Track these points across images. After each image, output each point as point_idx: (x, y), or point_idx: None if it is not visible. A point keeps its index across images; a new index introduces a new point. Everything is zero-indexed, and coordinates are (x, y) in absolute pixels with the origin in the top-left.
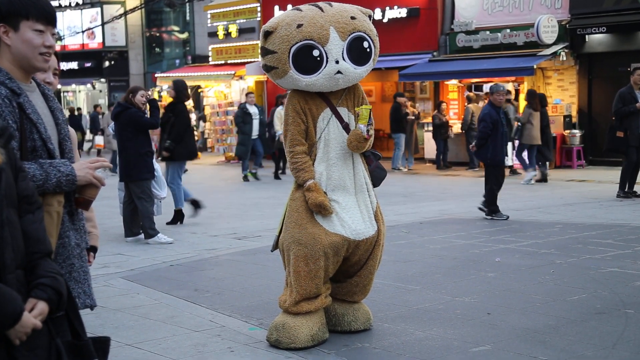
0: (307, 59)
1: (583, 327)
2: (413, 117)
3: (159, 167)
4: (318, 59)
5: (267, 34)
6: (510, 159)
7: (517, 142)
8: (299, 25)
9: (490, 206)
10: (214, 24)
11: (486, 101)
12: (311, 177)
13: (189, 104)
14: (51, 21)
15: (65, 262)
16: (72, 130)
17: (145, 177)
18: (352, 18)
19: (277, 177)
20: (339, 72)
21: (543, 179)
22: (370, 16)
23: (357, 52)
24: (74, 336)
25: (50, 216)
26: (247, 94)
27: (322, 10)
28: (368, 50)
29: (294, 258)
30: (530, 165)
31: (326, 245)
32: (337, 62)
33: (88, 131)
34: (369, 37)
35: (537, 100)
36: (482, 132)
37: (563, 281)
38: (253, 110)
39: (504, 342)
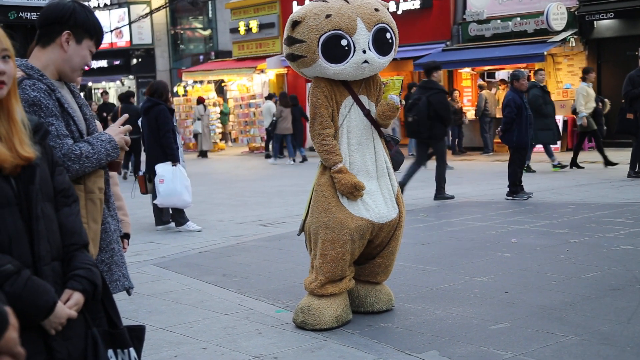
0: (336, 48)
1: (598, 303)
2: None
3: (184, 173)
4: (346, 48)
5: (295, 24)
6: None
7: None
8: (328, 16)
9: (512, 187)
10: (236, 20)
11: (501, 88)
12: (340, 160)
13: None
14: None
15: (107, 246)
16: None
17: None
18: (376, 10)
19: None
20: (365, 61)
21: (304, 159)
22: (387, 8)
23: (381, 43)
24: (110, 325)
25: (94, 203)
26: (535, 71)
27: (348, 2)
28: (390, 41)
29: (322, 242)
30: (290, 152)
31: (352, 229)
32: (364, 51)
33: None
34: (391, 28)
35: (287, 99)
36: (507, 117)
37: (578, 259)
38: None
39: (522, 320)
